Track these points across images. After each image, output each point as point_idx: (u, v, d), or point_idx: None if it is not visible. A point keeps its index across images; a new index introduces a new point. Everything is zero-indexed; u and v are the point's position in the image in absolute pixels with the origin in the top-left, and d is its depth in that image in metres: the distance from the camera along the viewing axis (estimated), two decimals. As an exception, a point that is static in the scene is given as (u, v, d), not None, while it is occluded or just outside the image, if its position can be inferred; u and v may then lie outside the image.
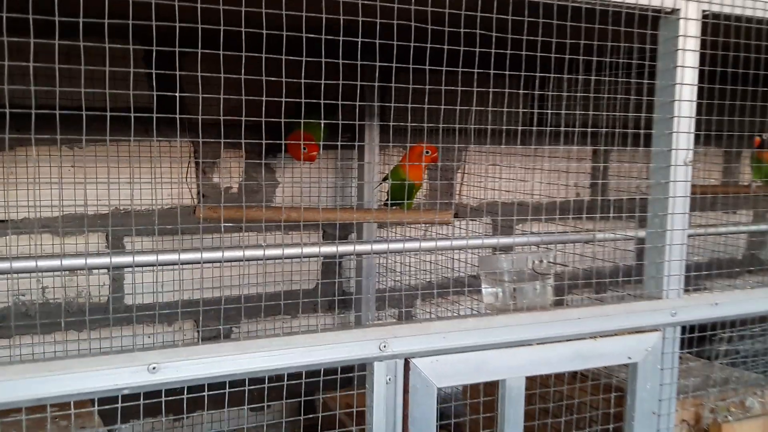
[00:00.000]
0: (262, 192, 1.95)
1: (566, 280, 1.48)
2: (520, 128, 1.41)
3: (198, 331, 1.90)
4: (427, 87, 1.05)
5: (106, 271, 1.77)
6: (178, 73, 0.88)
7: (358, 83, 1.00)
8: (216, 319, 1.92)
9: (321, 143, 1.79)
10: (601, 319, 1.22)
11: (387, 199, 1.87)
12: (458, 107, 1.13)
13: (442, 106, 1.11)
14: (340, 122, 0.97)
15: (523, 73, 1.13)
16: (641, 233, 1.39)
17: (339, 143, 1.07)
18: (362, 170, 1.97)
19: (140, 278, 1.78)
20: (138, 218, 1.80)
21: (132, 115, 0.84)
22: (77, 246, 1.69)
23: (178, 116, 0.92)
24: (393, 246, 1.13)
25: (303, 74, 0.97)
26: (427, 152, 1.70)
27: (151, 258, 1.00)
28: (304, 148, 1.71)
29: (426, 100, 1.08)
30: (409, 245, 1.14)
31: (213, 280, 1.88)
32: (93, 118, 0.81)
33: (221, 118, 0.97)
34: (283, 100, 0.95)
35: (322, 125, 1.80)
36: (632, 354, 1.24)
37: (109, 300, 1.79)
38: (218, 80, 0.88)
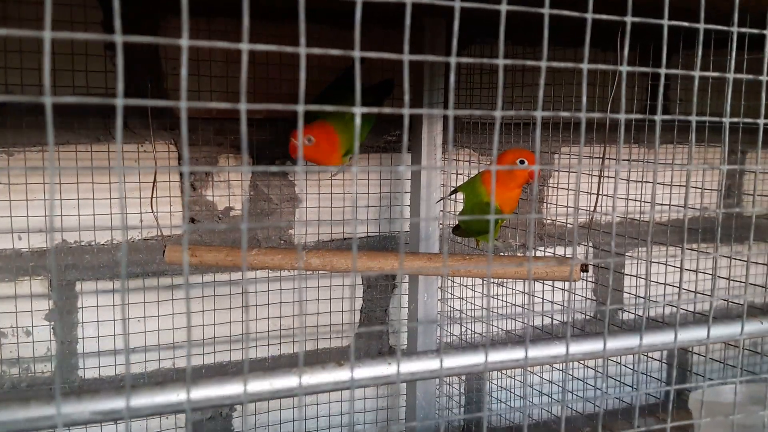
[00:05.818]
0: (279, 212, 1.39)
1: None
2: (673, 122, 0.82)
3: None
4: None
5: (49, 332, 1.22)
6: None
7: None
8: (211, 394, 1.36)
9: (357, 137, 1.18)
10: None
11: (456, 225, 1.30)
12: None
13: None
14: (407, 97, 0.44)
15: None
16: None
17: (405, 137, 0.51)
18: (417, 182, 1.38)
19: (94, 335, 1.23)
20: (95, 256, 1.25)
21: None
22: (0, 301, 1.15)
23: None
24: (537, 354, 0.54)
25: None
26: (521, 161, 1.08)
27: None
28: (307, 139, 1.08)
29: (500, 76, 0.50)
30: (584, 348, 0.54)
31: (204, 338, 1.32)
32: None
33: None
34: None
35: (356, 115, 1.19)
36: None
37: (57, 372, 1.24)
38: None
